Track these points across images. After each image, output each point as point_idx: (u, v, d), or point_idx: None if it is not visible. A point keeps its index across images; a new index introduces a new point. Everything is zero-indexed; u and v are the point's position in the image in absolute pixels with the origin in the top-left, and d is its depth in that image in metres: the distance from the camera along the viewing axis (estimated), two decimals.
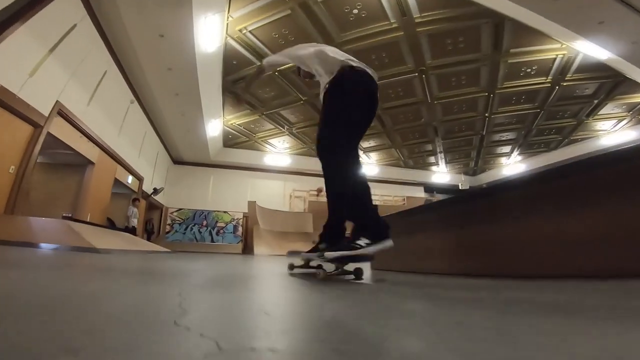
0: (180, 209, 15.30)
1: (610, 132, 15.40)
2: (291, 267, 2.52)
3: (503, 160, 19.02)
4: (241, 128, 14.13)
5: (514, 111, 13.55)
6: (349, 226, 2.08)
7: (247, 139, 15.09)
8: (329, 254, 1.84)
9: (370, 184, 2.17)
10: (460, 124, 14.55)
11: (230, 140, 15.25)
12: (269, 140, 15.44)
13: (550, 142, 16.54)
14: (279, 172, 17.05)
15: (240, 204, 15.71)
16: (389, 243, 1.92)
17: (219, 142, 14.84)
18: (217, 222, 15.54)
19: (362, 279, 1.93)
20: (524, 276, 1.89)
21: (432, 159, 18.57)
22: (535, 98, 12.65)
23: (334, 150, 2.03)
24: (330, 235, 2.02)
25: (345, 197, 1.99)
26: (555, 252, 1.82)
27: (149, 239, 13.44)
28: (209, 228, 15.41)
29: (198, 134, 12.79)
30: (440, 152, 17.51)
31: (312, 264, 2.37)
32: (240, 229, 15.65)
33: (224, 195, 16.04)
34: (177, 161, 15.81)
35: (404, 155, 17.61)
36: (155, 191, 12.19)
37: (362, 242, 1.85)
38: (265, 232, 12.42)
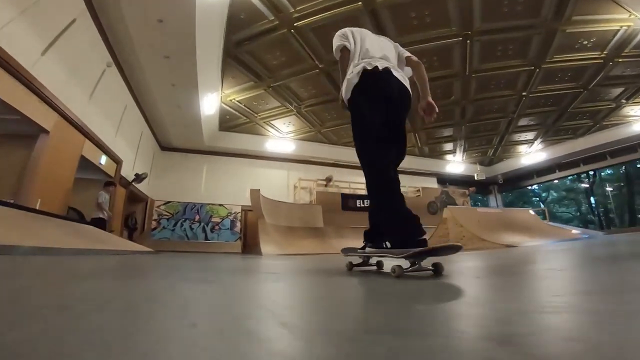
0: (169, 202, 13.03)
1: None
2: (350, 266, 2.12)
3: (522, 148, 17.44)
4: (241, 106, 11.94)
5: (554, 90, 11.89)
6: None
7: (247, 120, 12.90)
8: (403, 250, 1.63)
9: None
10: (492, 104, 12.80)
11: (227, 122, 13.03)
12: (272, 122, 13.29)
13: (579, 127, 15.01)
14: (283, 160, 14.93)
15: (238, 196, 13.59)
16: None
17: (214, 123, 12.61)
18: (211, 216, 13.36)
19: (442, 275, 1.52)
20: None
21: (449, 146, 16.82)
22: (581, 76, 11.08)
23: (366, 165, 2.05)
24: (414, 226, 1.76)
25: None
26: None
27: (130, 237, 11.21)
28: (202, 224, 13.21)
29: (191, 111, 10.57)
30: (461, 139, 15.76)
31: (371, 261, 2.17)
32: (238, 224, 13.52)
33: (219, 187, 13.84)
34: (165, 147, 13.50)
35: (421, 140, 15.76)
36: (138, 177, 9.91)
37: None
38: (271, 227, 10.36)
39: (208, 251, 11.90)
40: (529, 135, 15.91)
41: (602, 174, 23.68)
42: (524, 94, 11.99)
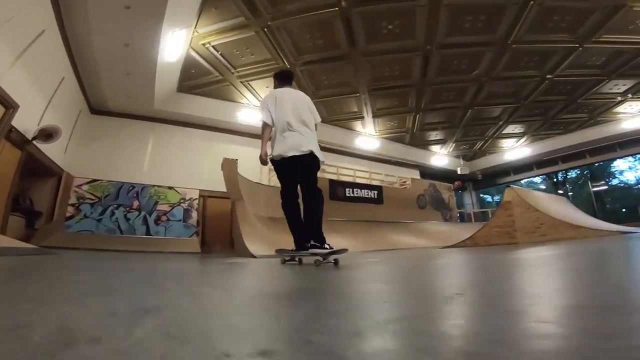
0: (95, 181, 9.05)
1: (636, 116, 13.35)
2: (283, 261, 3.14)
3: (510, 143, 16.23)
4: (217, 55, 8.53)
5: (580, 75, 10.40)
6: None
7: (219, 77, 9.47)
8: (322, 251, 2.68)
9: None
10: (510, 85, 11.02)
11: (190, 79, 9.46)
12: (250, 83, 10.02)
13: (573, 122, 14.02)
14: (256, 137, 11.65)
15: (195, 178, 10.11)
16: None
17: (173, 78, 8.99)
18: (156, 203, 9.64)
19: (338, 266, 2.52)
20: None
21: (440, 135, 14.88)
22: (613, 61, 9.69)
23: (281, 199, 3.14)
24: (318, 239, 2.75)
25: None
26: None
27: (31, 225, 7.25)
28: (144, 213, 9.44)
29: (144, 53, 7.10)
30: (457, 126, 13.90)
31: (297, 258, 3.10)
32: (194, 214, 9.98)
33: (170, 164, 10.16)
34: (97, 109, 9.48)
35: (418, 125, 13.54)
36: (44, 134, 6.04)
37: (328, 245, 2.74)
38: (253, 217, 7.23)
39: (150, 250, 8.26)
40: (522, 128, 14.64)
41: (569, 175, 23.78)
42: (549, 76, 10.37)
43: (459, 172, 16.16)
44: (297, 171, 2.97)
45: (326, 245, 2.70)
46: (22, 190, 7.54)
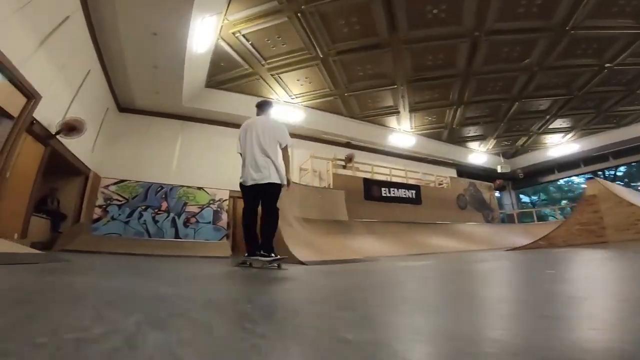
0: (123, 181, 8.60)
1: None
2: (237, 264, 3.63)
3: (553, 139, 14.83)
4: (247, 45, 7.89)
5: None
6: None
7: (250, 69, 8.82)
8: (269, 259, 3.15)
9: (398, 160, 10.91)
10: (564, 75, 9.90)
11: (219, 73, 8.87)
12: (281, 76, 9.34)
13: (629, 114, 12.54)
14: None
15: (225, 178, 9.47)
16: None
17: (201, 72, 8.43)
18: (185, 204, 9.10)
19: (282, 268, 3.22)
20: None
21: (480, 131, 13.71)
22: None
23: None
24: (266, 249, 3.19)
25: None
26: None
27: (55, 228, 6.80)
28: (172, 214, 8.91)
29: (172, 44, 6.49)
30: (505, 121, 12.73)
31: (248, 262, 3.45)
32: (224, 216, 9.37)
33: (199, 164, 9.61)
34: (124, 107, 9.06)
35: (459, 119, 12.47)
36: (67, 127, 5.51)
37: (274, 254, 3.19)
38: (291, 216, 6.48)
39: (179, 255, 7.65)
40: (570, 123, 13.28)
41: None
42: (609, 64, 9.16)
43: (499, 171, 14.90)
44: (256, 195, 3.40)
45: (272, 255, 3.17)
46: (50, 190, 7.13)
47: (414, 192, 10.84)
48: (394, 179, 11.07)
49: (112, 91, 8.12)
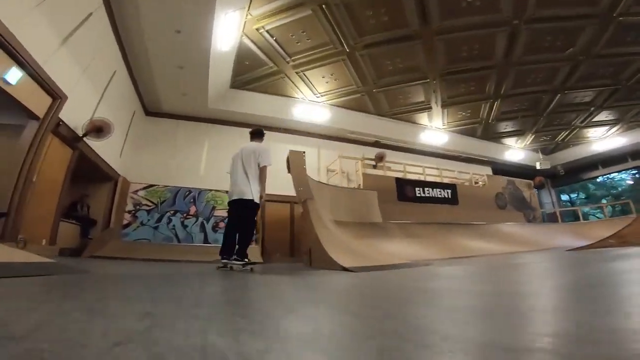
0: (152, 186, 8.43)
1: None
2: (218, 267, 3.80)
3: (596, 132, 13.59)
4: (271, 41, 7.54)
5: None
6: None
7: (274, 66, 8.44)
8: (242, 263, 3.65)
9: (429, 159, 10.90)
10: (611, 64, 9.02)
11: (244, 73, 8.56)
12: (306, 74, 8.93)
13: None
14: (312, 135, 10.56)
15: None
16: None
17: (226, 72, 8.15)
18: (214, 208, 8.82)
19: (254, 271, 3.59)
20: None
21: (517, 126, 12.74)
22: None
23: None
24: (240, 255, 3.69)
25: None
26: None
27: (86, 234, 6.62)
28: (201, 219, 8.63)
29: (196, 42, 6.21)
30: (545, 114, 11.77)
31: (229, 265, 3.78)
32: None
33: (226, 167, 9.27)
34: (151, 111, 8.94)
35: (495, 114, 11.62)
36: (94, 128, 5.28)
37: (247, 259, 3.69)
38: (327, 219, 5.97)
39: (208, 260, 7.29)
40: (616, 115, 12.09)
41: None
42: None
43: (538, 167, 13.78)
44: (238, 208, 3.84)
45: (246, 259, 3.65)
46: (81, 196, 7.00)
47: (449, 191, 10.08)
48: (428, 178, 10.36)
49: (139, 93, 7.98)
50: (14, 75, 3.67)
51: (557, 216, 13.37)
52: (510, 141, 13.87)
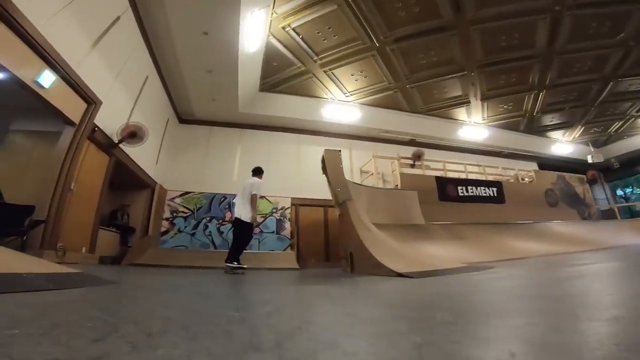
0: (188, 193, 8.34)
1: None
2: (225, 272, 4.52)
3: None
4: (298, 40, 7.27)
5: None
6: None
7: (301, 66, 8.15)
8: (232, 266, 4.56)
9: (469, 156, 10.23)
10: None
11: (272, 74, 8.35)
12: (334, 72, 8.55)
13: None
14: (343, 136, 10.13)
15: (285, 185, 8.87)
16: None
17: (254, 74, 7.97)
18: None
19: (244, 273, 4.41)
20: None
21: (565, 117, 11.62)
22: None
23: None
24: (230, 259, 4.63)
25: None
26: None
27: (125, 242, 6.54)
28: None
29: (225, 43, 6.03)
30: (596, 104, 10.65)
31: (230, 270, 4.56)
32: (287, 225, 8.67)
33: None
34: (184, 119, 8.94)
35: (540, 106, 10.65)
36: (128, 132, 5.17)
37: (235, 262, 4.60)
38: (368, 220, 5.47)
39: (251, 267, 7.00)
40: None
41: None
42: None
43: (590, 161, 12.44)
44: (236, 225, 4.98)
45: (234, 263, 4.60)
46: (121, 205, 6.99)
47: (495, 189, 9.21)
48: (470, 176, 9.57)
49: (171, 101, 7.96)
50: (47, 78, 3.56)
51: (616, 212, 11.96)
52: (557, 134, 12.68)
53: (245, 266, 4.69)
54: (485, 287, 1.99)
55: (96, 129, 4.65)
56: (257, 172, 5.33)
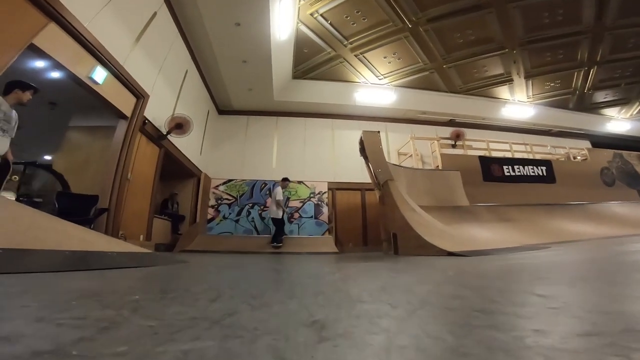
0: (230, 181, 8.54)
1: None
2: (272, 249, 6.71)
3: None
4: (327, 25, 7.06)
5: None
6: None
7: (332, 51, 7.92)
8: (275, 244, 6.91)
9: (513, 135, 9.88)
10: None
11: (303, 61, 8.21)
12: (365, 56, 8.21)
13: None
14: (377, 119, 9.76)
15: (322, 169, 8.79)
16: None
17: (287, 62, 7.89)
18: (288, 199, 8.62)
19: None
20: None
21: (621, 94, 10.42)
22: None
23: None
24: (273, 240, 6.97)
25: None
26: None
27: (176, 230, 6.83)
28: None
29: (257, 33, 5.95)
30: None
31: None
32: (325, 209, 8.62)
33: (295, 157, 9.06)
34: (223, 110, 9.10)
35: (590, 83, 9.64)
36: (175, 124, 5.30)
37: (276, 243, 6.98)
38: (413, 203, 5.24)
39: (287, 252, 7.07)
40: None
41: None
42: None
43: None
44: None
45: (275, 243, 6.80)
46: (170, 195, 7.29)
47: (544, 168, 8.49)
48: (516, 155, 8.89)
49: (210, 92, 8.10)
50: (100, 74, 3.69)
51: None
52: (611, 111, 11.39)
53: (281, 244, 6.94)
54: (557, 260, 1.76)
55: (146, 121, 4.81)
56: (284, 181, 7.34)
